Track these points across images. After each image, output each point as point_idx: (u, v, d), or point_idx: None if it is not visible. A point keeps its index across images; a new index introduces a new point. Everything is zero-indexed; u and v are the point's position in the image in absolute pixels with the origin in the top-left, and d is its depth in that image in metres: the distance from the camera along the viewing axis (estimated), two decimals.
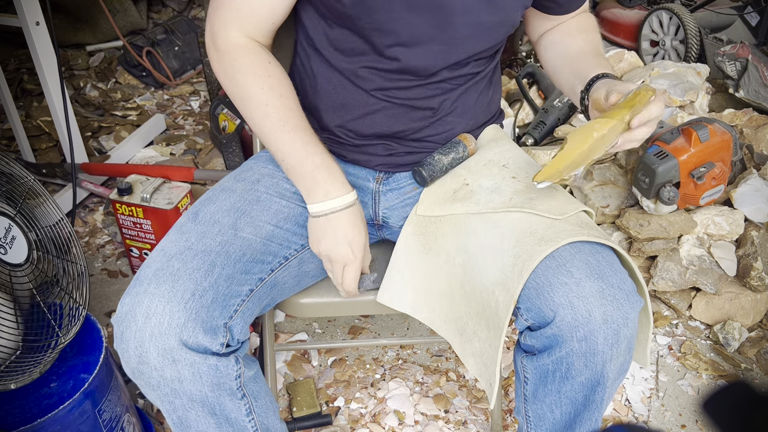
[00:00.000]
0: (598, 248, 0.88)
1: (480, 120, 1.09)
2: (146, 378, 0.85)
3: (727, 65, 2.04)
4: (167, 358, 0.83)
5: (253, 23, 0.94)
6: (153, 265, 0.88)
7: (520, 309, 0.89)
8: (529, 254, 0.86)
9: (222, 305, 0.86)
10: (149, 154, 2.29)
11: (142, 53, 2.67)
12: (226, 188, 1.00)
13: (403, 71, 0.96)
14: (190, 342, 0.83)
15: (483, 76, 1.05)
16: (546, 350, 0.88)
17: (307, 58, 1.01)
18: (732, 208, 1.65)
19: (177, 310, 0.83)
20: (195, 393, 0.86)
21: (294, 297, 1.08)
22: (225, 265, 0.89)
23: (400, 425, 1.40)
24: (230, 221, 0.94)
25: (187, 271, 0.86)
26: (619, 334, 0.84)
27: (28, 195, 1.14)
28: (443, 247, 0.98)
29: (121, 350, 0.85)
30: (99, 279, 1.80)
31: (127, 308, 0.85)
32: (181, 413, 0.88)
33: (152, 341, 0.82)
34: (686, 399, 1.46)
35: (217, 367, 0.85)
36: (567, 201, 0.95)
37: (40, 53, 1.77)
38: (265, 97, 0.93)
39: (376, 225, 1.11)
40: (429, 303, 0.99)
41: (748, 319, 1.59)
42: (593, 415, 0.92)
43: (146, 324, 0.83)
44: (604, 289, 0.84)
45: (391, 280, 1.02)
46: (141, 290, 0.85)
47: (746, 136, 1.82)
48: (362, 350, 1.58)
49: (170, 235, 0.93)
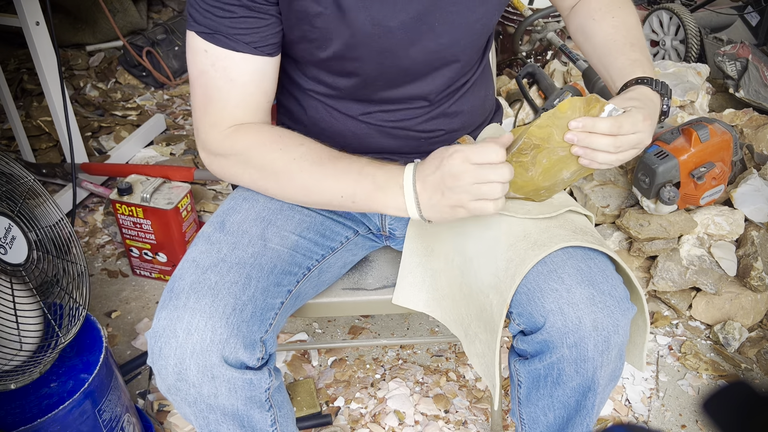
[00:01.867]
0: (591, 254, 0.88)
1: (477, 120, 1.09)
2: (183, 394, 0.83)
3: (727, 65, 2.04)
4: (207, 374, 0.81)
5: (247, 108, 0.89)
6: (188, 278, 0.85)
7: (512, 313, 0.89)
8: (521, 258, 0.86)
9: (260, 319, 0.85)
10: (149, 154, 2.29)
11: (142, 53, 2.67)
12: (248, 197, 0.98)
13: (384, 101, 0.96)
14: (231, 358, 0.81)
15: (471, 84, 1.03)
16: (538, 355, 0.88)
17: (294, 92, 1.00)
18: (732, 208, 1.65)
19: (219, 326, 0.80)
20: (228, 407, 0.84)
21: None
22: (260, 278, 0.87)
23: (400, 425, 1.40)
24: (258, 231, 0.92)
25: (225, 284, 0.84)
26: (610, 341, 0.84)
27: (28, 195, 1.14)
28: (442, 249, 0.98)
29: (159, 366, 0.82)
30: (99, 279, 1.80)
31: (165, 323, 0.81)
32: (213, 427, 0.87)
33: (193, 358, 0.80)
34: (686, 399, 1.46)
35: (251, 381, 0.84)
36: (562, 202, 0.95)
37: (40, 53, 1.77)
38: (288, 153, 0.87)
39: (383, 236, 1.11)
40: (439, 303, 0.99)
41: (749, 319, 1.59)
42: (585, 420, 0.91)
43: (187, 340, 0.80)
44: (595, 296, 0.83)
45: (404, 281, 1.02)
46: (180, 304, 0.82)
47: (746, 136, 1.82)
48: (362, 350, 1.58)
49: (199, 245, 0.90)
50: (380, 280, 1.10)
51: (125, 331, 1.62)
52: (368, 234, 1.08)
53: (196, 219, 1.76)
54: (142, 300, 1.72)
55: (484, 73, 1.07)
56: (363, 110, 0.97)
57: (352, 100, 0.97)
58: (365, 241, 1.08)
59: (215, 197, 2.06)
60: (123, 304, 1.71)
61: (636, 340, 0.95)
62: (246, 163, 0.89)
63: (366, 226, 1.07)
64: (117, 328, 1.63)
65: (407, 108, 0.98)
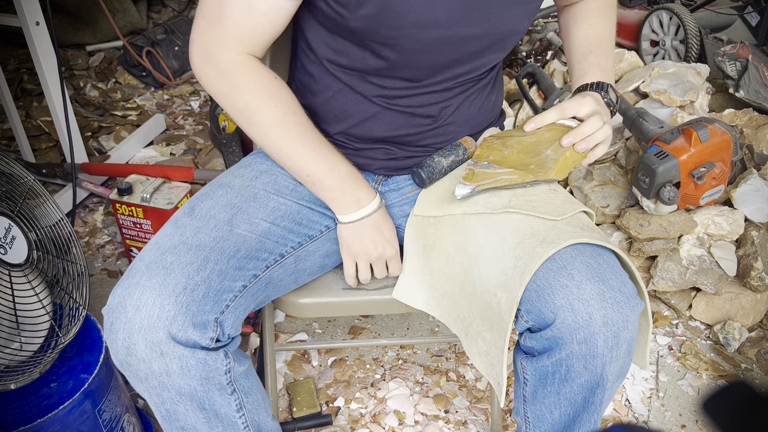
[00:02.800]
0: (599, 251, 0.88)
1: (482, 125, 1.09)
2: (134, 370, 0.86)
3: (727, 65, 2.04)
4: (155, 350, 0.83)
5: (253, 40, 0.91)
6: (146, 258, 0.88)
7: (520, 311, 0.89)
8: (530, 256, 0.86)
9: (213, 300, 0.86)
10: (149, 154, 2.29)
11: (142, 53, 2.67)
12: (224, 184, 1.00)
13: (404, 79, 0.96)
14: (179, 336, 0.83)
15: (486, 81, 1.04)
16: (546, 352, 0.88)
17: (308, 65, 1.00)
18: (732, 208, 1.65)
19: (167, 303, 0.83)
20: (183, 386, 0.86)
21: (294, 297, 1.08)
22: (218, 260, 0.89)
23: (400, 425, 1.40)
24: (226, 217, 0.94)
25: (180, 265, 0.86)
26: (619, 336, 0.84)
27: (28, 195, 1.14)
28: (442, 248, 0.98)
29: (110, 341, 0.85)
30: (99, 279, 1.80)
31: (118, 300, 0.85)
32: (169, 406, 0.88)
33: (141, 333, 0.83)
34: (686, 399, 1.46)
35: (205, 360, 0.85)
36: (566, 201, 0.95)
37: (40, 53, 1.77)
38: (281, 115, 0.92)
39: None
40: (438, 302, 0.99)
41: (749, 319, 1.59)
42: (592, 416, 0.92)
43: (135, 316, 0.83)
44: (605, 292, 0.84)
45: (405, 277, 1.03)
46: (133, 282, 0.85)
47: (746, 136, 1.82)
48: (362, 350, 1.58)
49: (165, 228, 0.93)
50: (380, 280, 1.10)
51: None
52: None
53: None
54: None
55: (497, 78, 1.09)
56: (377, 92, 0.98)
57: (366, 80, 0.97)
58: None
59: None
60: None
61: (639, 339, 0.95)
62: (238, 97, 0.92)
63: None
64: None
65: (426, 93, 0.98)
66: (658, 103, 1.96)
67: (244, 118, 0.94)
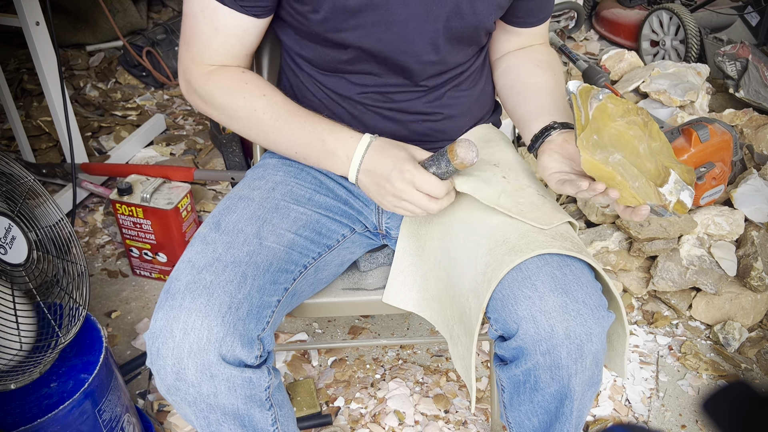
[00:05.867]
0: (568, 261, 0.87)
1: (476, 115, 1.09)
2: (182, 394, 0.83)
3: (727, 65, 2.04)
4: (205, 373, 0.81)
5: (225, 58, 0.94)
6: (183, 278, 0.85)
7: (490, 318, 0.90)
8: (498, 263, 0.86)
9: (256, 317, 0.86)
10: (149, 154, 2.29)
11: (142, 53, 2.67)
12: (243, 197, 0.99)
13: (378, 83, 0.97)
14: (228, 356, 0.82)
15: (469, 74, 1.04)
16: (514, 361, 0.88)
17: (291, 73, 1.03)
18: (732, 208, 1.65)
19: (215, 324, 0.81)
20: (228, 406, 0.85)
21: None
22: (255, 276, 0.88)
23: (400, 425, 1.40)
24: (253, 230, 0.93)
25: (220, 283, 0.85)
26: (583, 349, 0.83)
27: (28, 195, 1.14)
28: (431, 250, 0.98)
29: (158, 367, 0.83)
30: (99, 279, 1.80)
31: (162, 323, 0.82)
32: (214, 428, 0.87)
33: (191, 357, 0.81)
34: (686, 399, 1.46)
35: (251, 379, 0.85)
36: (554, 209, 0.94)
37: (40, 53, 1.77)
38: (250, 103, 0.93)
39: (380, 234, 1.11)
40: (429, 304, 0.99)
41: (749, 319, 1.59)
42: (564, 426, 0.91)
43: (184, 340, 0.81)
44: (568, 304, 0.83)
45: (395, 280, 1.02)
46: (175, 305, 0.83)
47: (746, 136, 1.82)
48: (362, 350, 1.58)
49: (194, 245, 0.91)
50: (380, 280, 1.10)
51: (125, 331, 1.62)
52: (365, 232, 1.08)
53: (196, 219, 1.76)
54: (142, 300, 1.72)
55: (483, 67, 1.08)
56: (358, 90, 0.98)
57: (346, 79, 0.98)
58: (362, 239, 1.08)
59: (215, 197, 2.06)
60: (123, 304, 1.71)
61: (617, 347, 0.95)
62: (212, 105, 0.96)
63: (362, 224, 1.07)
64: (117, 328, 1.63)
65: (403, 91, 0.99)
66: (658, 103, 1.96)
67: (227, 119, 0.96)
